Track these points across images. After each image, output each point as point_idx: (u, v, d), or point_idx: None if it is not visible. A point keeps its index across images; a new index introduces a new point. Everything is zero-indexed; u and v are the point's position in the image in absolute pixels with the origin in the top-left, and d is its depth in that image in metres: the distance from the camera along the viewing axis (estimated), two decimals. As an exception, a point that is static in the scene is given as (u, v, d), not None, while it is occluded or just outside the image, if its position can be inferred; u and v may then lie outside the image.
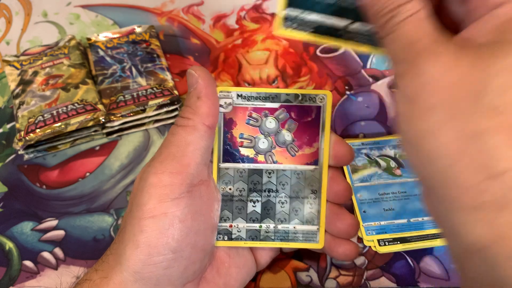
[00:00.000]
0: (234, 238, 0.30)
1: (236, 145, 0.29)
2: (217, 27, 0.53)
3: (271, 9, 0.55)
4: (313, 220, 0.29)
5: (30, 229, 0.38)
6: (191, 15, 0.54)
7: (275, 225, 0.29)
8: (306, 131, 0.29)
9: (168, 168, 0.26)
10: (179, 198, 0.25)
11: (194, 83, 0.27)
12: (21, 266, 0.35)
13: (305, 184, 0.29)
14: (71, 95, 0.43)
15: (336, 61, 0.49)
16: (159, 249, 0.25)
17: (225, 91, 0.29)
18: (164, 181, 0.25)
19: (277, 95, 0.29)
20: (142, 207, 0.25)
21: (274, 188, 0.29)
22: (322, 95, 0.29)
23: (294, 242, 0.30)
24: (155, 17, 0.54)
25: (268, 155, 0.29)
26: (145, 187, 0.25)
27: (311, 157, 0.29)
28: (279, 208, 0.29)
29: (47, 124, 0.40)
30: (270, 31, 0.52)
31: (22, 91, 0.43)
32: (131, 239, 0.25)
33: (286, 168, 0.29)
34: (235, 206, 0.29)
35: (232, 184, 0.29)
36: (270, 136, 0.29)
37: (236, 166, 0.29)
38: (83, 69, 0.45)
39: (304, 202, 0.29)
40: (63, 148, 0.42)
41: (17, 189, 0.40)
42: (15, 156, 0.42)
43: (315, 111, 0.29)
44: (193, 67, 0.27)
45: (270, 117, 0.29)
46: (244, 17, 0.54)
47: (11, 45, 0.52)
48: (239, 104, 0.29)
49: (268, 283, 0.34)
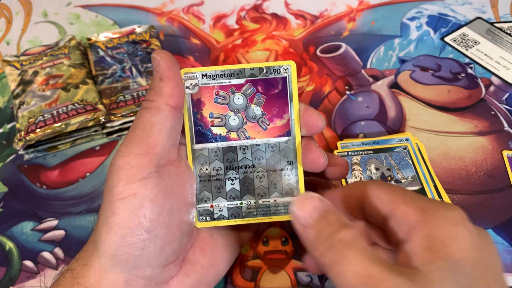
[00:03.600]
0: (216, 218, 0.29)
1: (207, 125, 0.29)
2: (217, 27, 0.53)
3: (271, 9, 0.55)
4: (293, 191, 0.29)
5: (30, 229, 0.38)
6: (191, 15, 0.54)
7: (256, 200, 0.29)
8: (275, 104, 0.29)
9: (134, 150, 0.26)
10: (147, 178, 0.25)
11: (157, 65, 0.27)
12: (21, 266, 0.35)
13: (280, 157, 0.29)
14: (71, 95, 0.43)
15: (336, 61, 0.49)
16: (132, 229, 0.25)
17: (189, 72, 0.29)
18: (131, 162, 0.25)
19: (242, 70, 0.29)
20: (111, 190, 0.25)
21: (250, 163, 0.29)
22: (286, 65, 0.29)
23: (277, 215, 0.30)
24: (155, 17, 0.54)
25: (240, 131, 0.29)
26: (113, 170, 0.25)
27: (283, 129, 0.29)
28: (258, 183, 0.29)
29: (47, 124, 0.40)
30: (270, 31, 0.52)
31: (22, 91, 0.43)
32: (104, 222, 0.25)
33: (260, 142, 0.29)
34: (214, 186, 0.29)
35: (208, 164, 0.29)
36: (240, 112, 0.29)
37: (209, 146, 0.29)
38: (83, 69, 0.45)
39: (282, 174, 0.29)
40: (63, 148, 0.42)
41: (17, 189, 0.40)
42: (15, 156, 0.42)
43: (281, 82, 0.29)
44: (156, 51, 0.27)
45: (237, 93, 0.29)
46: (244, 17, 0.54)
47: (11, 45, 0.52)
48: (205, 84, 0.29)
49: (268, 283, 0.34)
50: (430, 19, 0.52)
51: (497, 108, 0.43)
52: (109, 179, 0.26)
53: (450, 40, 0.50)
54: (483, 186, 0.38)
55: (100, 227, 0.25)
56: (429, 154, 0.40)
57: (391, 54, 0.49)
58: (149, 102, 0.27)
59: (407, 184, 0.37)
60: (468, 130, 0.41)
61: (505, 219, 0.36)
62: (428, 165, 0.38)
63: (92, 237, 0.27)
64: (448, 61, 0.48)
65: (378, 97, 0.45)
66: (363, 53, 0.49)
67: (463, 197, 0.37)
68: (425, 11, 0.53)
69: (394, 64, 0.48)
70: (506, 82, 0.45)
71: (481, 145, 0.40)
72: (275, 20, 0.53)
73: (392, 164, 0.38)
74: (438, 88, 0.45)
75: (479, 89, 0.45)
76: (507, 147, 0.40)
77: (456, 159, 0.39)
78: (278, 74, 0.29)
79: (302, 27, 0.52)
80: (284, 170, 0.29)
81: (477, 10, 0.53)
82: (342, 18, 0.53)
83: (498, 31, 0.50)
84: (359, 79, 0.47)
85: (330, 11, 0.54)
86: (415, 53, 0.49)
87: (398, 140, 0.40)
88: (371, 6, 0.54)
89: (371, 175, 0.38)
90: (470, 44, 0.49)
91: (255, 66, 0.29)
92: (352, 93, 0.45)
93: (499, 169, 0.39)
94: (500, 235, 0.35)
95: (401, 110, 0.44)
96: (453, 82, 0.46)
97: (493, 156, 0.39)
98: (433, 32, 0.51)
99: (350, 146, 0.40)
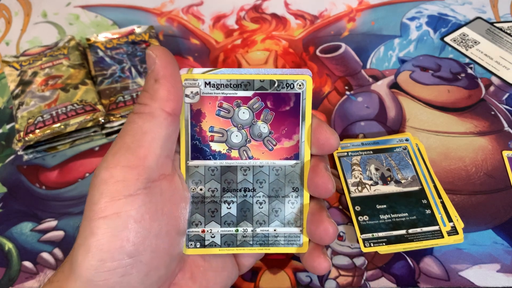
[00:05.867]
0: (207, 245, 0.27)
1: (206, 139, 0.26)
2: (216, 27, 0.53)
3: (271, 9, 0.55)
4: (296, 221, 0.27)
5: (29, 230, 0.37)
6: (190, 15, 0.54)
7: (253, 228, 0.27)
8: (285, 122, 0.26)
9: (122, 161, 0.23)
10: (134, 195, 0.22)
11: (152, 64, 0.24)
12: (20, 267, 0.35)
13: (285, 182, 0.26)
14: (70, 95, 0.43)
15: (336, 61, 0.48)
16: (113, 253, 0.22)
17: (191, 79, 0.25)
18: (116, 176, 0.22)
19: (250, 82, 0.26)
20: (92, 206, 0.22)
21: (251, 187, 0.26)
22: (301, 80, 0.26)
23: (275, 246, 0.27)
24: (154, 17, 0.54)
25: (242, 150, 0.26)
26: (96, 184, 0.23)
27: (291, 151, 0.26)
28: (257, 209, 0.27)
29: (46, 125, 0.40)
30: (270, 31, 0.52)
31: (21, 92, 0.43)
32: (82, 243, 0.22)
33: (264, 164, 0.26)
34: (208, 209, 0.26)
35: (203, 183, 0.26)
36: (244, 128, 0.26)
37: (206, 163, 0.26)
38: (83, 70, 0.45)
39: (285, 201, 0.27)
40: (62, 148, 0.42)
41: (17, 190, 0.40)
42: (14, 156, 0.42)
43: (294, 99, 0.26)
44: (151, 47, 0.24)
45: (243, 107, 0.26)
46: (243, 17, 0.54)
47: (11, 45, 0.52)
48: (207, 93, 0.26)
49: (268, 284, 0.34)
50: (430, 19, 0.52)
51: (497, 108, 0.43)
52: (90, 193, 0.23)
53: (450, 40, 0.50)
54: (483, 186, 0.38)
55: (77, 247, 0.23)
56: (429, 155, 0.40)
57: (391, 54, 0.49)
58: (141, 106, 0.24)
59: (407, 185, 0.37)
60: (468, 130, 0.41)
61: (505, 219, 0.36)
62: (428, 166, 0.38)
63: (69, 257, 0.24)
64: (448, 61, 0.48)
65: (378, 97, 0.45)
66: (363, 53, 0.49)
67: (463, 198, 0.37)
68: (425, 11, 0.53)
69: (394, 64, 0.48)
70: (506, 82, 0.45)
71: (481, 145, 0.40)
72: (274, 20, 0.53)
73: (392, 165, 0.38)
74: (438, 88, 0.45)
75: (479, 89, 0.45)
76: (507, 147, 0.40)
77: (456, 159, 0.39)
78: (291, 89, 0.26)
79: (302, 27, 0.52)
80: (288, 197, 0.27)
81: (477, 10, 0.53)
82: (342, 18, 0.53)
83: (498, 31, 0.50)
84: (359, 79, 0.47)
85: (329, 11, 0.54)
86: (415, 53, 0.49)
87: (398, 140, 0.40)
88: (371, 6, 0.54)
89: (371, 176, 0.38)
90: (470, 44, 0.49)
91: (266, 78, 0.26)
92: (352, 93, 0.45)
93: (499, 169, 0.39)
94: (500, 235, 0.35)
95: (401, 110, 0.44)
96: (453, 82, 0.45)
97: (493, 156, 0.39)
98: (433, 32, 0.51)
99: (350, 147, 0.40)
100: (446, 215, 0.35)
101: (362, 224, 0.35)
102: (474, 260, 0.34)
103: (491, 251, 0.34)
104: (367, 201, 0.36)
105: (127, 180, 0.22)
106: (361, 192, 0.37)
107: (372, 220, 0.35)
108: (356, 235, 0.34)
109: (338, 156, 0.39)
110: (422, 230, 0.34)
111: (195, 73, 0.26)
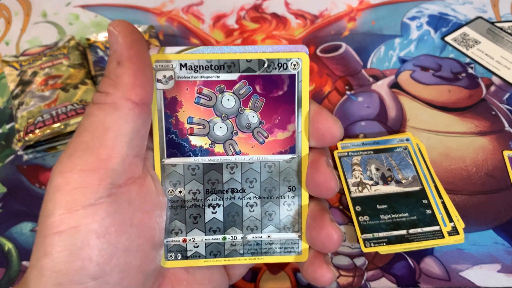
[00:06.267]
0: (190, 256, 0.23)
1: (184, 133, 0.22)
2: (216, 27, 0.53)
3: (271, 8, 0.55)
4: (293, 226, 0.23)
5: (29, 230, 0.37)
6: (190, 15, 0.54)
7: (244, 235, 0.23)
8: (277, 109, 0.22)
9: (79, 163, 0.19)
10: (95, 204, 0.19)
11: (114, 42, 0.19)
12: (20, 267, 0.35)
13: (279, 180, 0.23)
14: (70, 95, 0.43)
15: (336, 61, 0.48)
16: (72, 276, 0.18)
17: (163, 60, 0.21)
18: (73, 182, 0.18)
19: (235, 62, 0.21)
20: (45, 219, 0.18)
21: (239, 187, 0.23)
22: (295, 59, 0.22)
23: (270, 255, 0.23)
24: (154, 17, 0.54)
25: (228, 144, 0.22)
26: (49, 192, 0.19)
27: (286, 144, 0.23)
28: (248, 212, 0.23)
29: (46, 125, 0.40)
30: (270, 31, 0.52)
31: (21, 92, 0.43)
32: (35, 265, 0.18)
33: (254, 159, 0.23)
34: (189, 214, 0.23)
35: (182, 185, 0.22)
36: (229, 118, 0.22)
37: (186, 161, 0.22)
38: (83, 70, 0.45)
39: (280, 203, 0.23)
40: (62, 148, 0.42)
41: (17, 190, 0.40)
42: (14, 156, 0.42)
43: (288, 81, 0.22)
44: (112, 22, 0.20)
45: (227, 93, 0.22)
46: (244, 17, 0.54)
47: (11, 45, 0.52)
48: (184, 78, 0.21)
49: (268, 284, 0.33)
50: (430, 19, 0.52)
51: (498, 108, 0.43)
52: (44, 203, 0.19)
53: (451, 39, 0.50)
54: (484, 186, 0.37)
55: (30, 269, 0.19)
56: (430, 154, 0.40)
57: (391, 53, 0.49)
58: (102, 95, 0.19)
59: (408, 185, 0.37)
60: (469, 130, 0.41)
61: (506, 219, 0.36)
62: (428, 166, 0.38)
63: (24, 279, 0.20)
64: (448, 61, 0.47)
65: (379, 97, 0.45)
66: (364, 53, 0.49)
67: (463, 198, 0.37)
68: (426, 11, 0.53)
69: (394, 64, 0.48)
70: (507, 82, 0.45)
71: (481, 145, 0.40)
72: (275, 20, 0.53)
73: (392, 165, 0.38)
74: (439, 88, 0.45)
75: (479, 89, 0.45)
76: (507, 147, 0.40)
77: (456, 159, 0.39)
78: (284, 70, 0.22)
79: (302, 26, 0.52)
80: (283, 197, 0.23)
81: (478, 10, 0.53)
82: (342, 18, 0.53)
83: (499, 30, 0.50)
84: (359, 79, 0.46)
85: (330, 10, 0.54)
86: (415, 53, 0.48)
87: (398, 140, 0.40)
88: (372, 5, 0.54)
89: (371, 176, 0.37)
90: (470, 44, 0.49)
91: (253, 58, 0.22)
92: (352, 93, 0.45)
93: (500, 169, 0.38)
94: (501, 235, 0.35)
95: (401, 110, 0.43)
96: (453, 82, 0.45)
97: (493, 156, 0.39)
98: (433, 32, 0.51)
99: (350, 146, 0.40)
100: (447, 215, 0.35)
101: (363, 224, 0.35)
102: (474, 260, 0.34)
103: (491, 251, 0.34)
104: (367, 201, 0.36)
105: (86, 186, 0.18)
106: (361, 192, 0.37)
107: (372, 220, 0.35)
108: (357, 235, 0.34)
109: (339, 156, 0.39)
110: (423, 230, 0.34)
111: (167, 53, 0.21)
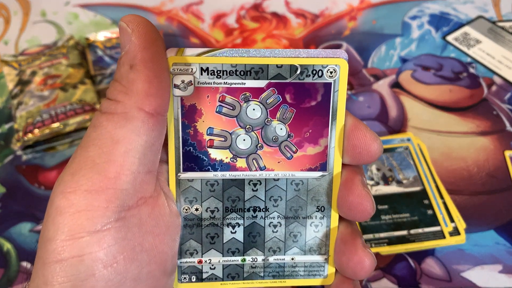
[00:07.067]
0: (206, 278, 0.22)
1: (203, 145, 0.20)
2: (216, 26, 0.53)
3: (272, 8, 0.55)
4: (320, 248, 0.22)
5: (28, 230, 0.37)
6: (190, 14, 0.54)
7: (265, 257, 0.22)
8: (309, 122, 0.20)
9: (84, 183, 0.16)
10: (102, 231, 0.16)
11: (126, 42, 0.17)
12: (19, 268, 0.35)
13: (307, 199, 0.21)
14: (69, 95, 0.42)
15: (337, 61, 0.48)
16: None
17: (182, 63, 0.19)
18: (77, 204, 0.16)
19: (263, 68, 0.19)
20: (46, 244, 0.17)
21: (262, 205, 0.21)
22: (332, 66, 0.19)
23: (293, 278, 0.22)
24: (154, 16, 0.54)
25: (252, 158, 0.21)
26: (50, 214, 0.17)
27: (316, 160, 0.21)
28: (270, 233, 0.21)
29: (45, 125, 0.40)
30: (270, 30, 0.52)
31: (20, 91, 0.43)
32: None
33: (280, 176, 0.21)
34: (206, 234, 0.21)
35: (199, 202, 0.21)
36: (254, 130, 0.20)
37: (204, 176, 0.21)
38: (82, 69, 0.45)
39: (307, 223, 0.21)
40: (61, 148, 0.42)
41: (16, 190, 0.40)
42: (13, 156, 0.42)
43: (322, 91, 0.20)
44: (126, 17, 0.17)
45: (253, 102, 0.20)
46: (244, 16, 0.54)
47: (10, 45, 0.52)
48: (205, 84, 0.19)
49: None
50: (431, 18, 0.52)
51: (499, 108, 0.43)
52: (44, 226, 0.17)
53: (452, 39, 0.49)
54: (485, 186, 0.37)
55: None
56: (431, 155, 0.39)
57: (392, 53, 0.48)
58: (111, 103, 0.17)
59: (409, 185, 0.37)
60: (470, 130, 0.41)
61: (507, 219, 0.35)
62: (429, 166, 0.38)
63: None
64: (449, 60, 0.47)
65: (379, 96, 0.45)
66: (364, 52, 0.49)
67: (465, 198, 0.37)
68: (427, 10, 0.53)
69: (395, 63, 0.47)
70: (508, 81, 0.45)
71: (483, 145, 0.40)
72: (275, 19, 0.53)
73: (393, 165, 0.38)
74: (440, 87, 0.45)
75: (481, 89, 0.45)
76: (509, 147, 0.40)
77: (458, 160, 0.39)
78: (319, 78, 0.20)
79: (303, 26, 0.52)
80: (310, 218, 0.21)
81: (479, 9, 0.53)
82: (343, 17, 0.53)
83: (500, 30, 0.50)
84: (360, 78, 0.46)
85: (330, 9, 0.54)
86: (416, 52, 0.48)
87: (399, 140, 0.40)
88: (372, 5, 0.54)
89: (372, 176, 0.37)
90: (472, 43, 0.49)
91: (284, 63, 0.19)
92: (353, 93, 0.45)
93: (501, 169, 0.38)
94: (502, 236, 0.35)
95: (402, 110, 0.43)
96: (454, 81, 0.45)
97: (495, 157, 0.39)
98: (434, 31, 0.50)
99: (351, 146, 0.40)
100: (448, 216, 0.35)
101: (363, 225, 0.35)
102: (476, 261, 0.33)
103: (493, 252, 0.34)
104: (368, 202, 0.36)
105: (92, 209, 0.16)
106: (362, 193, 0.36)
107: (373, 221, 0.35)
108: (357, 236, 0.34)
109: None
110: (424, 231, 0.34)
111: (187, 55, 0.19)
